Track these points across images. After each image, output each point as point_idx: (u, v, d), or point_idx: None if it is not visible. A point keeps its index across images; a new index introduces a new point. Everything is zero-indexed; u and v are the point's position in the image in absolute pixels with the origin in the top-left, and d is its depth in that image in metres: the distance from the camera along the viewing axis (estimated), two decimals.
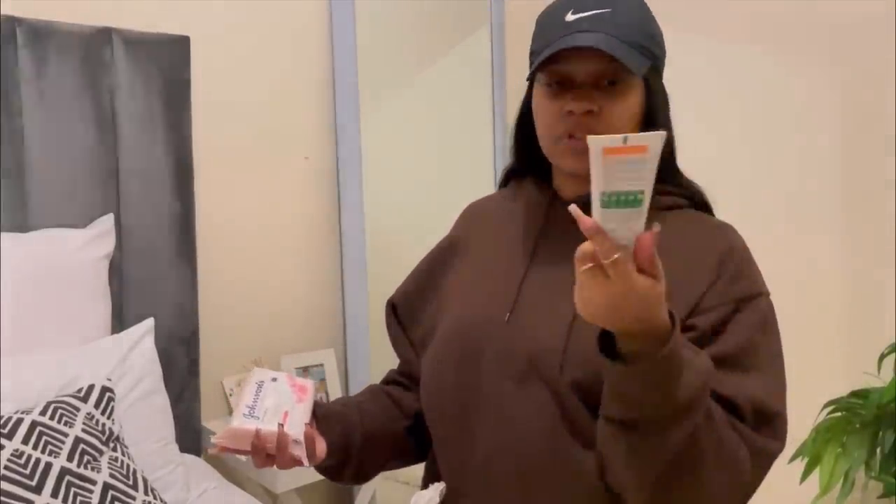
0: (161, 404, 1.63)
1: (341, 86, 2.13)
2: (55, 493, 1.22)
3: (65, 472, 1.25)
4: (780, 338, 0.84)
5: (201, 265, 1.93)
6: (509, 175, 1.02)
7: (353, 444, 0.94)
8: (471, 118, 2.50)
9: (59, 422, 1.32)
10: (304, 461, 0.86)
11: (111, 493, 1.29)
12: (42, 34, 1.65)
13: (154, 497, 1.38)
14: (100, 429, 1.38)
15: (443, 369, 0.91)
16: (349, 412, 0.96)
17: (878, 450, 1.60)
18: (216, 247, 2.01)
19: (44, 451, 1.26)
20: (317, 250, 2.21)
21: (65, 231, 1.67)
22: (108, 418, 1.42)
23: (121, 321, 1.77)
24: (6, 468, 1.20)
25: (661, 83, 0.88)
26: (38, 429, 1.29)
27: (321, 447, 0.90)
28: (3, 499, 1.17)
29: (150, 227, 1.82)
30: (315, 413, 0.92)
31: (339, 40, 2.13)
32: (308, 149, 2.18)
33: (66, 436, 1.31)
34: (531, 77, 0.86)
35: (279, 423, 0.84)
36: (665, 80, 0.89)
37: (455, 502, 0.89)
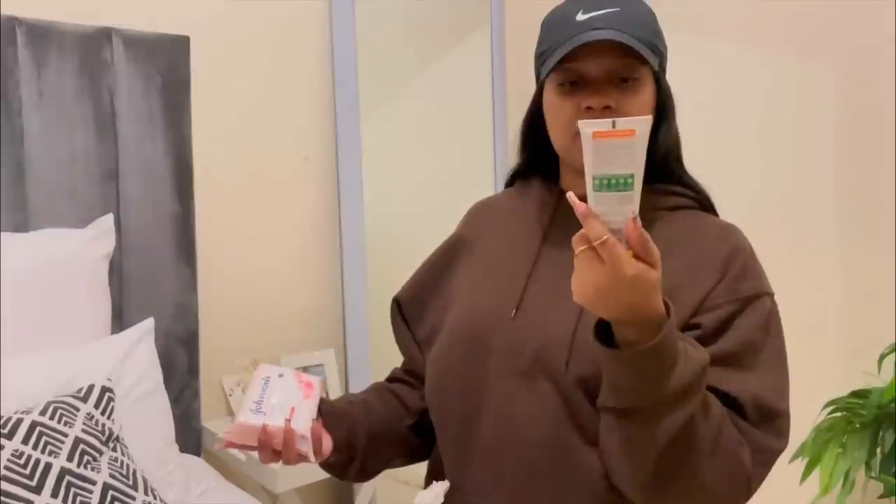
0: (161, 404, 1.63)
1: (341, 86, 2.13)
2: (55, 494, 1.21)
3: (65, 472, 1.25)
4: (783, 338, 0.85)
5: (201, 265, 1.92)
6: (515, 176, 1.03)
7: (359, 442, 0.95)
8: (471, 118, 2.51)
9: (58, 422, 1.32)
10: (311, 457, 0.86)
11: (111, 493, 1.29)
12: (42, 34, 1.64)
13: (154, 497, 1.38)
14: (100, 429, 1.38)
15: (449, 366, 0.92)
16: (355, 409, 0.97)
17: (879, 450, 1.60)
18: (216, 247, 2.01)
19: (44, 452, 1.25)
20: (317, 250, 2.21)
21: (65, 231, 1.67)
22: (108, 418, 1.42)
23: (121, 321, 1.76)
24: (6, 468, 1.20)
25: (667, 81, 0.89)
26: (38, 429, 1.28)
27: (327, 444, 0.90)
28: (3, 499, 1.16)
29: (150, 227, 1.82)
30: (320, 410, 0.92)
31: (339, 40, 2.13)
32: (308, 149, 2.18)
33: (65, 436, 1.30)
34: (543, 77, 0.86)
35: (286, 419, 0.84)
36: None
37: (459, 499, 0.89)
